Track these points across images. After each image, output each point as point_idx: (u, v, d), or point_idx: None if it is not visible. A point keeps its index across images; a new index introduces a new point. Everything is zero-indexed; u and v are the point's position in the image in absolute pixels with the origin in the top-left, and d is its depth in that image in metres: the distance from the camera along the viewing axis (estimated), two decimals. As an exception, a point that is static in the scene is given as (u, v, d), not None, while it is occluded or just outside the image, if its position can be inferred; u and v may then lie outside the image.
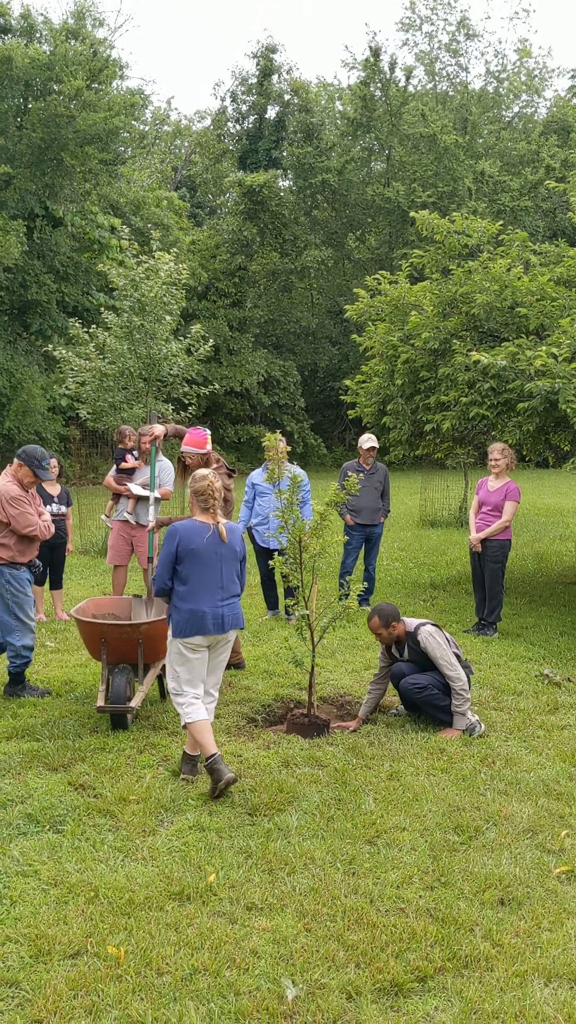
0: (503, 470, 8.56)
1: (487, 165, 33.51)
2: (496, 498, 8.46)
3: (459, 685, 5.71)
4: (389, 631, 5.90)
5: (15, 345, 25.30)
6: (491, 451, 8.70)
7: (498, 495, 8.45)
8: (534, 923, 3.58)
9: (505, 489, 8.45)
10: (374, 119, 34.89)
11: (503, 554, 8.47)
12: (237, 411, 33.02)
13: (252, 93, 37.48)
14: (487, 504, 8.53)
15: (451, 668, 5.72)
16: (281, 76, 37.59)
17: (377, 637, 6.02)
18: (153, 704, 6.28)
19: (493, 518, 8.44)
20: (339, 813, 4.52)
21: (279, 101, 37.55)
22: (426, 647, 5.78)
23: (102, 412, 13.78)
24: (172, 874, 3.88)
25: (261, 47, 37.21)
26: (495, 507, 8.45)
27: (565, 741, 5.63)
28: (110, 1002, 3.07)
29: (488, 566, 8.47)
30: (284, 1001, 3.08)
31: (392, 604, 6.04)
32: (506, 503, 8.38)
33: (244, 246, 34.08)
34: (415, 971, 3.25)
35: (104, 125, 23.92)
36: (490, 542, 8.44)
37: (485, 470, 9.01)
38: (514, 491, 8.45)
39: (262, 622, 8.90)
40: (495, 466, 8.59)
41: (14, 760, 5.16)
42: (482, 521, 8.54)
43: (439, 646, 5.78)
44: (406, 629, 5.93)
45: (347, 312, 11.58)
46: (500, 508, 8.41)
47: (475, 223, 10.17)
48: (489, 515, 8.49)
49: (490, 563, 8.45)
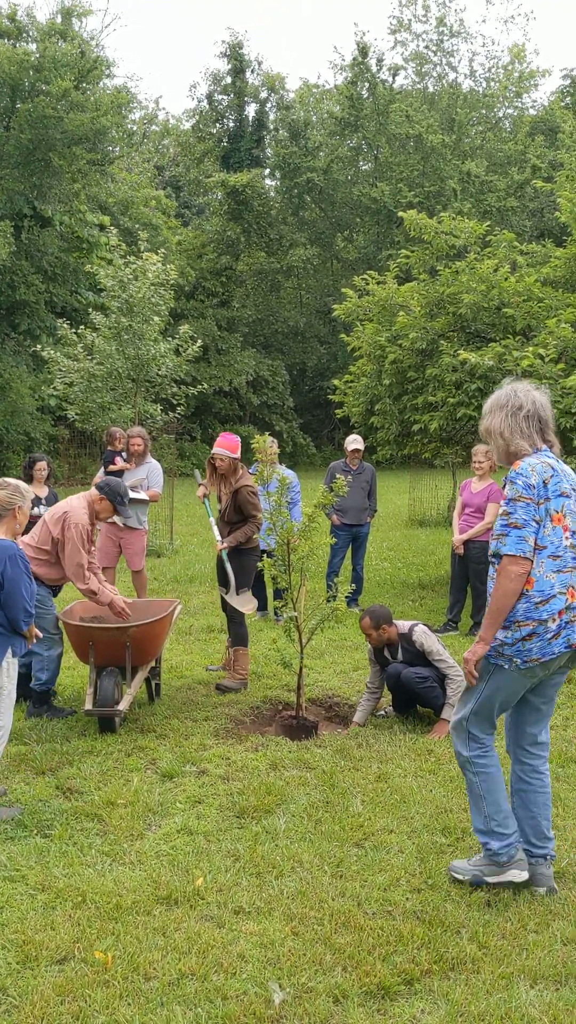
0: (487, 472, 8.60)
1: (473, 165, 33.55)
2: (479, 500, 8.50)
3: (454, 672, 5.77)
4: (379, 633, 5.92)
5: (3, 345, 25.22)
6: (475, 453, 8.74)
7: (481, 497, 8.49)
8: (520, 925, 3.59)
9: (488, 491, 8.49)
10: (361, 118, 34.90)
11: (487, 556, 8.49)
12: (226, 411, 33.00)
13: (228, 93, 37.39)
14: (470, 506, 8.57)
15: (447, 662, 5.81)
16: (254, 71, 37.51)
17: (367, 638, 6.04)
18: (141, 707, 6.27)
19: (476, 520, 8.48)
20: (327, 816, 4.52)
21: (256, 98, 37.49)
22: (423, 644, 5.83)
23: (91, 413, 13.78)
24: (160, 878, 3.88)
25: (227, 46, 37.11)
26: (478, 509, 8.49)
27: (552, 742, 5.65)
28: (97, 1008, 3.06)
29: (472, 567, 8.50)
30: (271, 1005, 3.08)
31: (385, 607, 6.05)
32: (489, 505, 8.42)
33: (230, 246, 34.06)
34: (402, 974, 3.26)
35: (92, 125, 23.86)
36: (473, 544, 8.48)
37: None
38: (497, 493, 8.48)
39: (251, 624, 8.89)
40: (479, 468, 8.63)
41: (1, 764, 5.15)
42: (465, 523, 8.58)
43: (435, 643, 5.85)
44: (399, 631, 5.95)
45: (335, 312, 11.59)
46: (483, 510, 8.45)
47: (462, 224, 10.20)
48: (472, 517, 8.53)
49: (474, 564, 8.48)
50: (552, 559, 3.64)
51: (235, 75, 37.05)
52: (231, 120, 37.74)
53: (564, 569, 3.66)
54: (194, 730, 5.78)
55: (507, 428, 3.77)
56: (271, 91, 37.35)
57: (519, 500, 3.63)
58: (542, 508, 3.63)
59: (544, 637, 3.62)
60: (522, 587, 3.62)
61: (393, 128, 34.40)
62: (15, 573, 4.40)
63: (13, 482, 4.65)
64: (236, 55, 36.90)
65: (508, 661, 3.66)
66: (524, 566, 3.60)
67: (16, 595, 4.40)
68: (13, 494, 4.58)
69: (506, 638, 3.65)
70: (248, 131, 37.18)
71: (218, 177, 34.21)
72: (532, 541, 3.61)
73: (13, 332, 25.76)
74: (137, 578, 9.08)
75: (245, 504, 6.76)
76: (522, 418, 3.76)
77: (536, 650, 3.62)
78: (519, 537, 3.61)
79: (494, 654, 3.70)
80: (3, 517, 4.57)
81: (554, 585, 3.63)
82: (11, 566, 4.40)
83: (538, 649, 3.62)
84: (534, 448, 3.75)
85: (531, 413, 3.77)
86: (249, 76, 37.47)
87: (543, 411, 3.81)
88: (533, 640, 3.62)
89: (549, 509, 3.64)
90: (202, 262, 33.60)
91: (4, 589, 4.39)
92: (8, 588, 4.39)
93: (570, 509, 3.70)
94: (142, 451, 9.11)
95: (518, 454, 3.76)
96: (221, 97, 37.69)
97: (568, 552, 3.68)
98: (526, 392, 3.81)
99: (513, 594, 3.62)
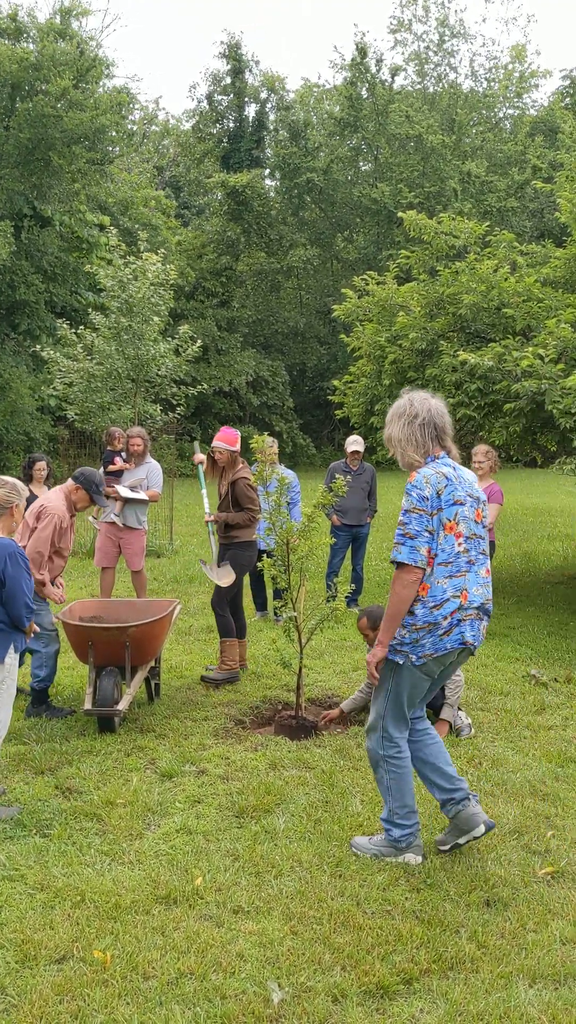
0: (487, 472, 8.59)
1: (474, 166, 33.57)
2: None
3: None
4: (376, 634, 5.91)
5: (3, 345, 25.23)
6: (475, 453, 8.74)
7: None
8: (519, 924, 3.59)
9: (488, 491, 8.48)
10: (361, 118, 34.90)
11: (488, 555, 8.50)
12: (226, 411, 33.01)
13: (227, 93, 37.41)
14: None
15: None
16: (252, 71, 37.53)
17: (365, 638, 6.04)
18: (140, 707, 6.27)
19: None
20: (326, 815, 4.52)
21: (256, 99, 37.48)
22: None
23: (90, 413, 13.78)
24: (159, 878, 3.88)
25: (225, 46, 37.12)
26: None
27: (551, 741, 5.66)
28: (96, 1007, 3.07)
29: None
30: (270, 1004, 3.08)
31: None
32: (489, 505, 8.41)
33: (229, 246, 34.07)
34: (401, 973, 3.26)
35: (91, 124, 23.87)
36: None
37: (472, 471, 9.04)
38: (497, 493, 8.48)
39: (250, 623, 8.89)
40: (479, 468, 8.62)
41: (0, 764, 5.15)
42: None
43: None
44: None
45: (335, 312, 11.59)
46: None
47: (462, 224, 10.20)
48: None
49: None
50: (444, 566, 3.87)
51: (234, 75, 37.07)
52: (231, 121, 37.75)
53: (456, 574, 3.89)
54: (193, 730, 5.78)
55: (404, 437, 4.01)
56: (271, 91, 37.35)
57: (413, 512, 3.85)
58: (435, 519, 3.85)
59: (436, 634, 3.87)
60: (415, 593, 3.85)
61: (393, 128, 34.42)
62: (16, 570, 4.44)
63: (10, 480, 4.67)
64: (234, 55, 36.91)
65: (404, 657, 3.91)
66: (416, 574, 3.83)
67: (18, 592, 4.44)
68: (10, 492, 4.60)
69: (403, 636, 3.91)
70: (248, 131, 37.18)
71: (218, 177, 34.21)
72: (425, 551, 3.83)
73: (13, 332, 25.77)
74: (137, 578, 9.09)
75: (241, 496, 6.84)
76: (417, 427, 3.99)
77: (429, 646, 3.88)
78: (412, 547, 3.83)
79: (392, 652, 3.95)
80: (0, 515, 4.58)
81: (447, 590, 3.87)
82: (11, 564, 4.44)
83: (431, 645, 3.88)
84: (429, 456, 3.98)
85: (426, 421, 3.99)
86: (248, 76, 37.49)
87: (439, 418, 4.02)
88: (426, 638, 3.87)
89: (442, 519, 3.86)
90: (202, 262, 33.61)
91: (6, 586, 4.42)
92: (10, 585, 4.43)
93: (463, 516, 3.92)
94: (141, 451, 9.11)
95: (412, 465, 4.01)
96: (221, 98, 37.70)
97: (461, 557, 3.91)
98: (422, 401, 4.04)
99: (407, 600, 3.85)
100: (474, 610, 3.96)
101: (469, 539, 3.94)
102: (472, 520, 3.97)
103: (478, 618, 3.99)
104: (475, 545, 3.98)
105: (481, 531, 4.02)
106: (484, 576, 4.01)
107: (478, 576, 3.98)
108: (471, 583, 3.94)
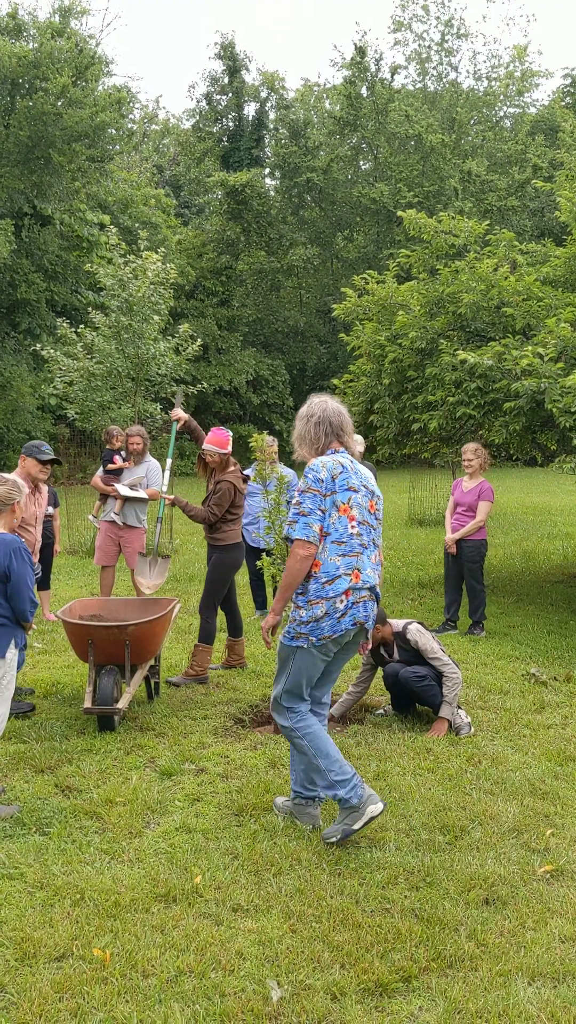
0: (476, 470, 8.61)
1: (474, 165, 33.54)
2: (470, 499, 8.51)
3: (450, 670, 5.78)
4: (374, 633, 5.92)
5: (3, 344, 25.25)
6: (464, 451, 8.76)
7: (472, 495, 8.50)
8: (518, 922, 3.59)
9: (479, 489, 8.50)
10: (360, 118, 34.87)
11: (479, 554, 8.51)
12: (226, 410, 33.02)
13: (225, 93, 37.38)
14: (462, 504, 8.59)
15: (442, 659, 5.81)
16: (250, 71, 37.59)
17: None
18: (140, 705, 6.28)
19: (468, 518, 8.49)
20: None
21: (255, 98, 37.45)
22: (417, 642, 5.83)
23: (90, 412, 13.78)
24: (158, 876, 3.88)
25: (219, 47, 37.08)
26: (469, 507, 8.50)
27: (551, 740, 5.66)
28: (95, 1005, 3.07)
29: (466, 566, 8.51)
30: (269, 1002, 3.09)
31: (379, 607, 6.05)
32: (480, 503, 8.43)
33: (229, 245, 34.05)
34: (400, 971, 3.26)
35: (91, 121, 23.85)
36: (466, 543, 8.49)
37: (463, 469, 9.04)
38: (487, 491, 8.49)
39: (250, 622, 8.90)
40: (468, 466, 8.65)
41: (0, 762, 5.15)
42: (457, 522, 8.60)
43: (429, 640, 5.85)
44: (394, 630, 5.96)
45: (335, 311, 11.58)
46: (475, 508, 8.45)
47: (462, 223, 10.19)
48: (464, 516, 8.55)
49: (467, 563, 8.49)
50: (337, 544, 4.17)
51: (231, 75, 37.04)
52: (230, 121, 37.72)
53: (349, 553, 4.19)
54: (193, 728, 5.78)
55: (300, 435, 4.41)
56: (271, 90, 37.32)
57: (308, 492, 4.18)
58: (328, 500, 4.18)
59: (333, 616, 4.15)
60: (308, 567, 4.14)
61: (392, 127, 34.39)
62: (20, 565, 4.49)
63: (11, 477, 4.69)
64: (229, 55, 36.88)
65: (305, 640, 4.18)
66: (310, 549, 4.12)
67: (22, 587, 4.49)
68: (11, 489, 4.62)
69: (301, 618, 4.17)
70: (247, 131, 37.17)
71: (217, 177, 34.19)
72: (318, 528, 4.14)
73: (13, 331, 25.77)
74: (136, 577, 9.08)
75: (217, 495, 6.74)
76: (313, 425, 4.37)
77: (327, 628, 4.16)
78: (306, 523, 4.14)
79: (294, 635, 4.22)
80: (1, 512, 4.60)
81: (339, 567, 4.15)
82: (16, 559, 4.48)
83: (329, 627, 4.16)
84: (330, 450, 4.35)
85: (320, 420, 4.36)
86: (246, 76, 37.48)
87: (334, 417, 4.39)
88: (324, 619, 4.15)
89: (336, 501, 4.19)
90: (202, 261, 33.60)
91: (10, 581, 4.46)
92: (14, 580, 4.47)
93: (356, 502, 4.25)
94: (141, 449, 9.12)
95: (305, 459, 4.41)
96: (219, 97, 37.69)
97: (354, 539, 4.21)
98: (320, 403, 4.42)
99: (300, 573, 4.14)
100: (367, 591, 4.27)
101: (362, 524, 4.26)
102: (366, 508, 4.30)
103: (371, 599, 4.31)
104: (367, 531, 4.30)
105: (374, 521, 4.36)
106: (374, 562, 4.32)
107: (370, 560, 4.29)
108: (364, 565, 4.24)
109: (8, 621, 4.52)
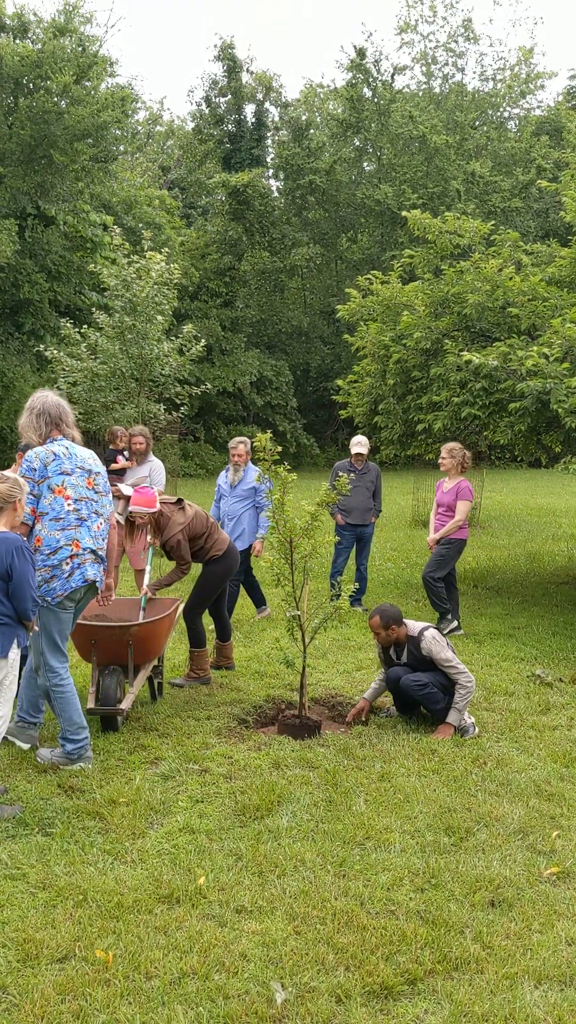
0: (450, 469, 8.58)
1: (478, 166, 33.51)
2: (448, 498, 8.51)
3: (465, 678, 5.74)
4: (388, 633, 5.90)
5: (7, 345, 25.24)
6: (441, 450, 8.76)
7: (450, 495, 8.50)
8: (524, 925, 3.57)
9: (456, 489, 8.48)
10: (363, 119, 34.85)
11: (455, 549, 8.50)
12: (230, 411, 32.99)
13: (225, 94, 37.38)
14: (442, 505, 8.60)
15: (457, 668, 5.76)
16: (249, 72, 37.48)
17: (375, 636, 6.02)
18: (143, 705, 6.26)
19: (448, 518, 8.49)
20: (329, 815, 4.50)
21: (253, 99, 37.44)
22: (430, 651, 5.78)
23: (94, 412, 13.77)
24: (161, 877, 3.86)
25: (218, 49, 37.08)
26: (449, 507, 8.50)
27: (556, 741, 5.63)
28: (98, 1006, 3.05)
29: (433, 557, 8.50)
30: (273, 1004, 3.06)
31: (395, 607, 6.02)
32: (459, 503, 8.42)
33: (232, 246, 34.03)
34: (405, 973, 3.23)
35: (93, 120, 23.83)
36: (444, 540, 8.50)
37: (478, 471, 9.02)
38: (465, 490, 8.48)
39: (253, 623, 8.88)
40: (442, 465, 8.64)
41: (3, 762, 5.13)
42: (439, 521, 8.64)
43: (444, 649, 5.80)
44: (408, 633, 5.92)
45: (339, 312, 11.57)
46: (454, 508, 8.44)
47: (467, 223, 10.18)
48: (444, 516, 8.56)
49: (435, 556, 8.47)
50: (55, 521, 4.89)
51: (230, 76, 37.04)
52: (230, 123, 37.72)
53: (68, 527, 4.91)
54: (196, 729, 5.76)
55: (25, 425, 5.06)
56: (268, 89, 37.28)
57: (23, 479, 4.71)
58: (43, 485, 4.88)
59: (61, 578, 4.87)
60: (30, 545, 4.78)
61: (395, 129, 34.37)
62: (22, 564, 4.48)
63: (12, 475, 4.69)
64: (228, 56, 36.88)
65: (43, 600, 4.85)
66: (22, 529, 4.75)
67: (24, 586, 4.48)
68: (13, 487, 4.61)
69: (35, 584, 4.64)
70: (248, 131, 37.16)
71: (219, 178, 34.18)
72: (31, 510, 4.84)
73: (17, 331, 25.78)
74: (140, 577, 9.07)
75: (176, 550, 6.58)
76: (34, 416, 5.03)
77: (59, 587, 4.88)
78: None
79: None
80: (3, 510, 4.59)
81: (59, 540, 4.88)
82: (18, 558, 4.47)
83: (60, 587, 4.88)
84: (49, 439, 5.01)
85: (41, 411, 5.04)
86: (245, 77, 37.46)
87: (52, 409, 5.08)
88: (54, 582, 4.87)
89: (51, 484, 4.89)
90: (205, 262, 33.58)
91: (13, 580, 4.45)
92: (16, 579, 4.46)
93: (71, 483, 4.95)
94: (144, 449, 9.10)
95: (29, 445, 5.09)
96: (219, 100, 37.70)
97: (71, 515, 4.93)
98: (41, 397, 5.11)
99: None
100: (90, 554, 4.98)
101: (79, 501, 4.96)
102: (83, 487, 5.00)
103: (96, 561, 5.02)
104: (87, 506, 5.00)
105: (93, 496, 5.04)
106: (96, 530, 5.04)
107: (90, 530, 5.00)
108: (83, 535, 4.95)
109: (10, 620, 4.50)
